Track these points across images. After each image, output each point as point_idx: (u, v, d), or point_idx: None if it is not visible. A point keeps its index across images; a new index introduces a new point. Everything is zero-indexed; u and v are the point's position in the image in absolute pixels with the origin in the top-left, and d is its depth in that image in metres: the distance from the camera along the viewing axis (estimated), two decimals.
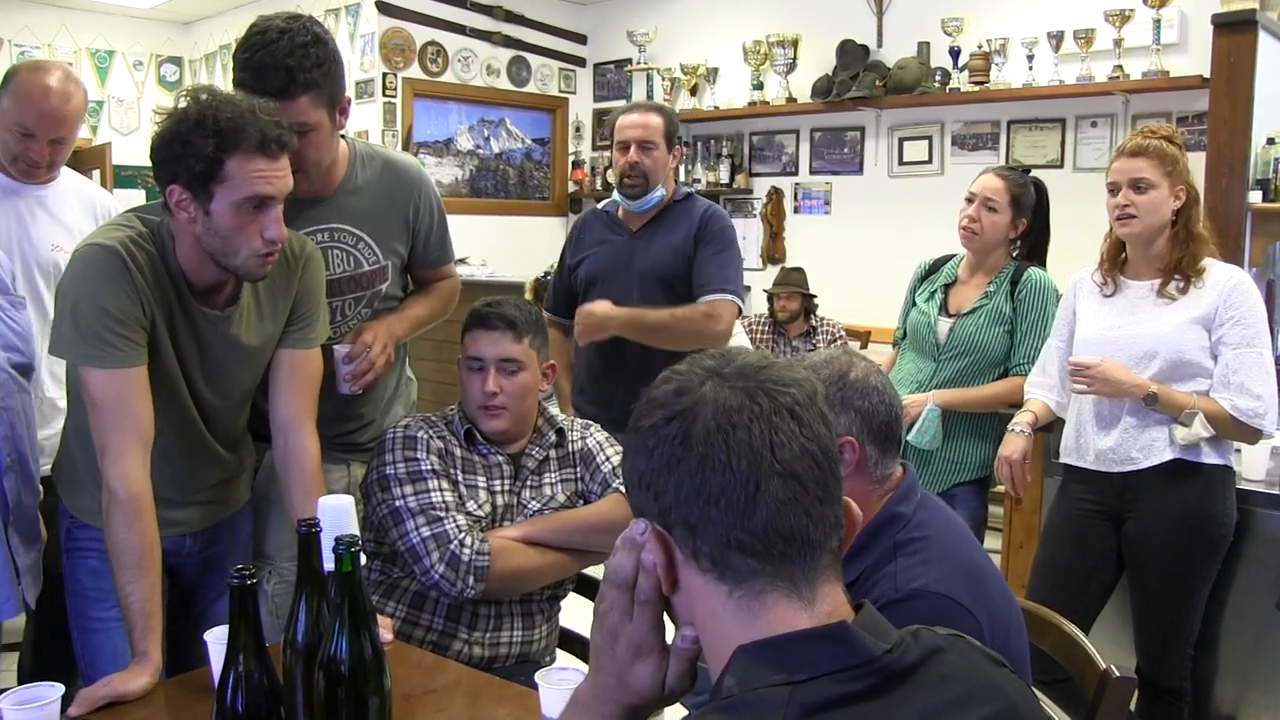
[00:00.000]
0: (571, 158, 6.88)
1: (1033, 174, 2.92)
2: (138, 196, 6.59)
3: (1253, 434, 2.34)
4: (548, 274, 5.23)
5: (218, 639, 1.39)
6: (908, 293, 3.01)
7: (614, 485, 2.01)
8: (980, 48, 4.94)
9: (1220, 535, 2.38)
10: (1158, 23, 4.40)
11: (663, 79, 6.21)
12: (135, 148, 6.83)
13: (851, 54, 5.41)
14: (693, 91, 6.08)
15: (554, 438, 2.06)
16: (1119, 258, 2.50)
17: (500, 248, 6.17)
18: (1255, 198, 3.51)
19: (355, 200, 2.07)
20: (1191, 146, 2.96)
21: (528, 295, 5.71)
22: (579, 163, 6.85)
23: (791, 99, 5.66)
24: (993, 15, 4.97)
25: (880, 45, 5.40)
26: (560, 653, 2.10)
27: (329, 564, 1.25)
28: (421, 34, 6.07)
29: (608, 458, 2.06)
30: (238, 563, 1.33)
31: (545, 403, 2.12)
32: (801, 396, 0.88)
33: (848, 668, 0.82)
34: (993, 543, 3.41)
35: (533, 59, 6.59)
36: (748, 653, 0.84)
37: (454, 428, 2.00)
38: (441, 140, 6.31)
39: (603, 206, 3.01)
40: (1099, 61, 4.61)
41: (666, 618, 0.93)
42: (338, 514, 1.37)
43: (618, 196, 2.88)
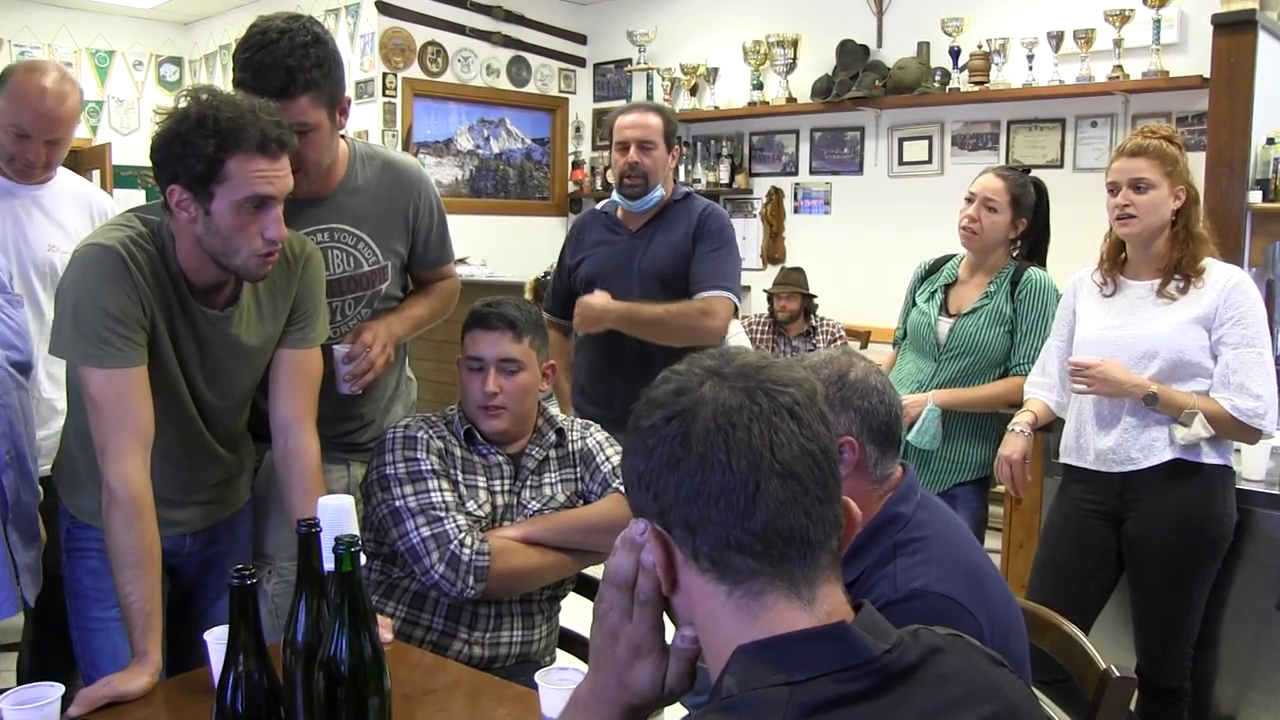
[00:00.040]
0: (571, 158, 6.88)
1: (1033, 174, 2.92)
2: (138, 196, 6.59)
3: (1253, 434, 2.34)
4: (548, 274, 5.23)
5: (218, 639, 1.40)
6: (908, 293, 3.00)
7: (614, 485, 2.01)
8: (980, 48, 4.94)
9: (1220, 535, 2.38)
10: (1158, 23, 4.40)
11: (663, 79, 6.21)
12: (135, 148, 6.84)
13: (851, 54, 5.41)
14: (693, 91, 6.08)
15: (554, 438, 2.06)
16: (1119, 258, 2.50)
17: (500, 248, 6.17)
18: (1255, 198, 3.51)
19: (355, 200, 2.07)
20: (1191, 146, 2.96)
21: (528, 295, 5.71)
22: (579, 163, 6.85)
23: (791, 99, 5.66)
24: (993, 15, 4.97)
25: (880, 45, 5.41)
26: (560, 653, 2.10)
27: (329, 564, 1.26)
28: (421, 34, 6.07)
29: (608, 458, 2.06)
30: (238, 563, 1.33)
31: (545, 403, 2.12)
32: (801, 396, 0.88)
33: (847, 668, 0.82)
34: (993, 543, 3.41)
35: (533, 59, 6.59)
36: (747, 653, 0.84)
37: (454, 428, 2.00)
38: (441, 140, 6.31)
39: (601, 207, 3.01)
40: (1099, 61, 4.61)
41: (666, 618, 0.93)
42: (338, 514, 1.37)
43: (617, 197, 2.88)
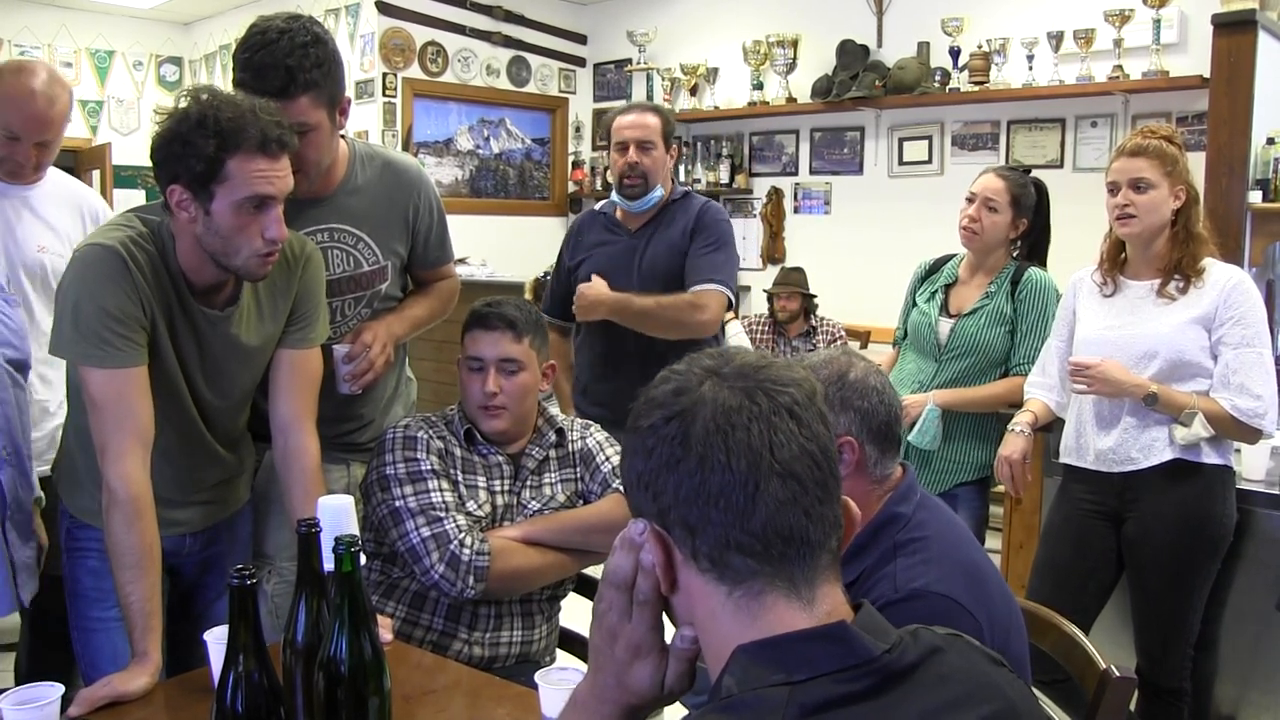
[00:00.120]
0: (571, 158, 6.88)
1: (1033, 174, 2.92)
2: (138, 196, 6.60)
3: (1253, 434, 2.34)
4: (547, 274, 5.23)
5: (218, 639, 1.39)
6: (908, 293, 3.00)
7: (614, 485, 2.01)
8: (980, 48, 4.94)
9: (1220, 535, 2.38)
10: (1158, 23, 4.40)
11: (662, 79, 6.21)
12: (135, 148, 6.84)
13: (851, 54, 5.41)
14: (692, 91, 6.08)
15: (554, 438, 2.06)
16: (1119, 258, 2.50)
17: (500, 248, 6.17)
18: (1255, 198, 3.51)
19: (355, 200, 2.07)
20: (1191, 146, 2.96)
21: (528, 295, 5.72)
22: (579, 163, 6.85)
23: (791, 99, 5.66)
24: (993, 15, 4.97)
25: (880, 45, 5.41)
26: (560, 653, 2.10)
27: (329, 564, 1.26)
28: (421, 34, 6.08)
29: (607, 458, 2.06)
30: (238, 563, 1.33)
31: (545, 403, 2.12)
32: (800, 396, 0.88)
33: (847, 668, 0.82)
34: (993, 543, 3.41)
35: (533, 59, 6.59)
36: (747, 653, 0.84)
37: (454, 428, 2.00)
38: (441, 140, 6.31)
39: (600, 208, 3.01)
40: (1099, 61, 4.61)
41: (666, 618, 0.93)
42: (338, 514, 1.37)
43: (616, 197, 2.88)
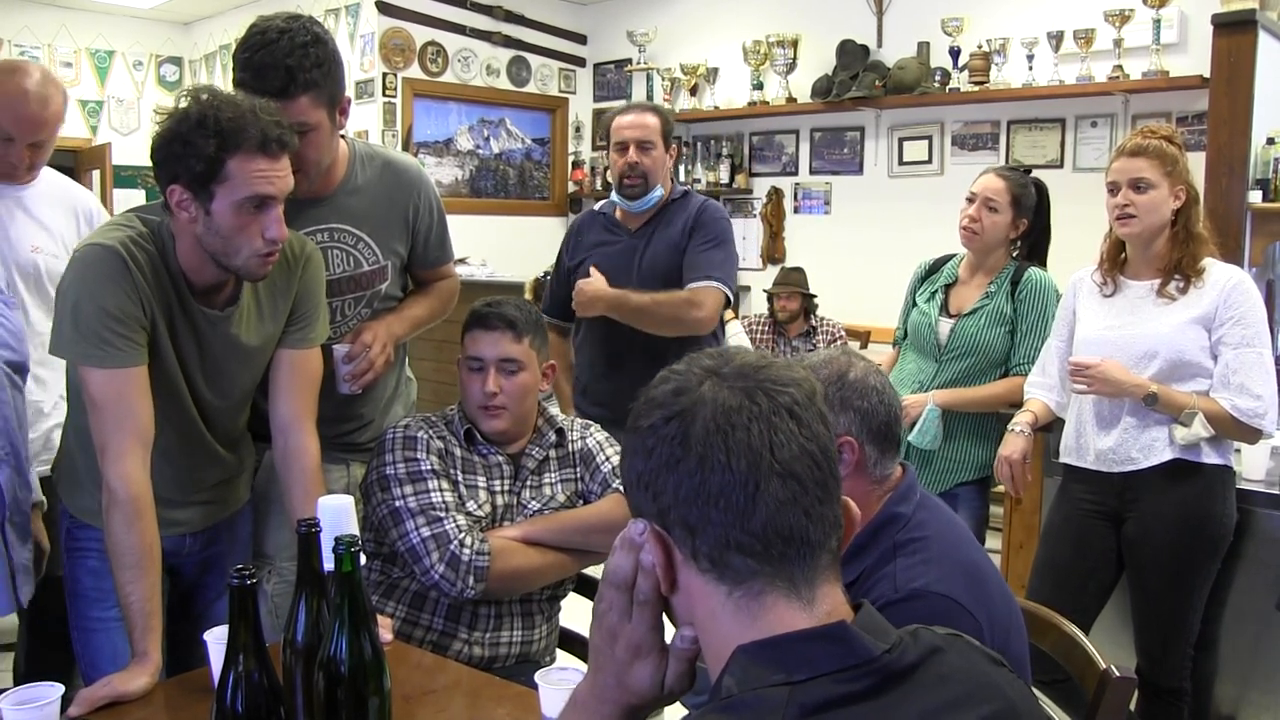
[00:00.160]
0: (571, 158, 6.88)
1: (1033, 174, 2.92)
2: (138, 196, 6.60)
3: (1253, 434, 2.34)
4: (547, 274, 5.22)
5: (218, 639, 1.39)
6: (908, 293, 3.00)
7: (614, 485, 2.01)
8: (980, 48, 4.94)
9: (1220, 535, 2.38)
10: (1157, 23, 4.40)
11: (662, 79, 6.21)
12: (135, 148, 6.84)
13: (851, 54, 5.41)
14: (692, 91, 6.08)
15: (554, 438, 2.06)
16: (1119, 258, 2.50)
17: (500, 248, 6.17)
18: (1255, 198, 3.51)
19: (355, 200, 2.07)
20: (1191, 146, 2.96)
21: (528, 295, 5.71)
22: (579, 163, 6.85)
23: (791, 99, 5.66)
24: (993, 15, 4.97)
25: (880, 45, 5.41)
26: (560, 653, 2.10)
27: (329, 564, 1.26)
28: (421, 34, 6.08)
29: (608, 458, 2.06)
30: (238, 563, 1.33)
31: (545, 403, 2.12)
32: (800, 396, 0.88)
33: (847, 668, 0.82)
34: (993, 543, 3.41)
35: (533, 59, 6.59)
36: (747, 653, 0.84)
37: (454, 428, 2.00)
38: (441, 140, 6.31)
39: (599, 208, 3.01)
40: (1099, 61, 4.61)
41: (666, 618, 0.93)
42: (338, 514, 1.37)
43: (615, 197, 2.88)
